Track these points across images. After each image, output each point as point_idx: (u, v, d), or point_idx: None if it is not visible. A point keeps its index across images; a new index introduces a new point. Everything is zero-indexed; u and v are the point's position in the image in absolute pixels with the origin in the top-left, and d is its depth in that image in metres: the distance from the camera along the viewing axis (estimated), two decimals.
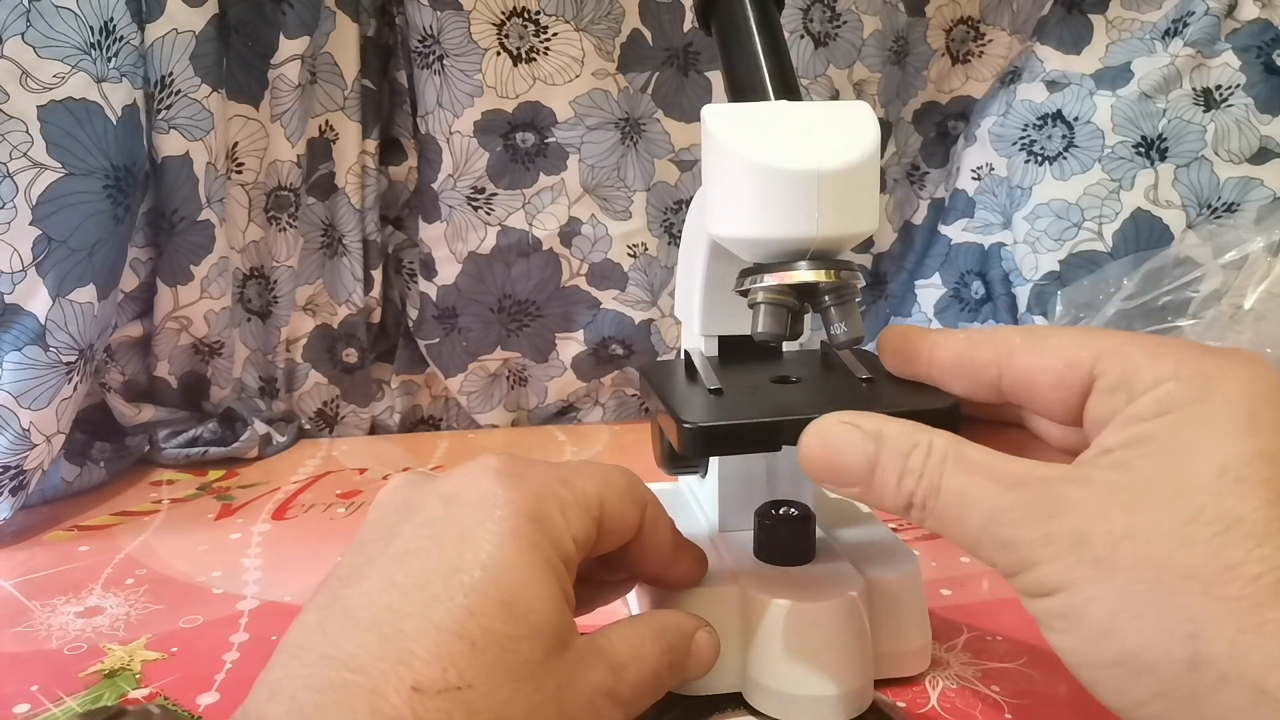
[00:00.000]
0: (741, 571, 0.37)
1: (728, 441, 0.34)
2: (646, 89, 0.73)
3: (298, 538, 0.56)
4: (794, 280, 0.33)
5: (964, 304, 0.77)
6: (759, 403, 0.36)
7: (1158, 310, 0.60)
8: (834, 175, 0.32)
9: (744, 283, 0.35)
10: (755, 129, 0.33)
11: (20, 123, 0.54)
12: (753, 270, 0.34)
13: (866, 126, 0.33)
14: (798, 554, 0.38)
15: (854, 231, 0.33)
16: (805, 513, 0.38)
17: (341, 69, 0.69)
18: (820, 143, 0.32)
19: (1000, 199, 0.75)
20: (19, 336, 0.56)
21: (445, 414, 0.81)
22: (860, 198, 0.33)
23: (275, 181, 0.70)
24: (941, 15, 0.77)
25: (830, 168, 0.32)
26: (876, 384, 0.37)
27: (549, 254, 0.75)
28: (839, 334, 0.34)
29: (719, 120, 0.34)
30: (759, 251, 0.34)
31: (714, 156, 0.34)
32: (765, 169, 0.32)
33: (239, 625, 0.45)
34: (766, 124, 0.34)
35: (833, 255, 0.34)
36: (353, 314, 0.76)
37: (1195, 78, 0.69)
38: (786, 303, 0.34)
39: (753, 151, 0.32)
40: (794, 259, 0.33)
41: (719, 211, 0.34)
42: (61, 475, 0.62)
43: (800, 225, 0.32)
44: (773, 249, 0.34)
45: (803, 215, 0.32)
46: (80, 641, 0.44)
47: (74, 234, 0.56)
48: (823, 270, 0.33)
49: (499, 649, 0.26)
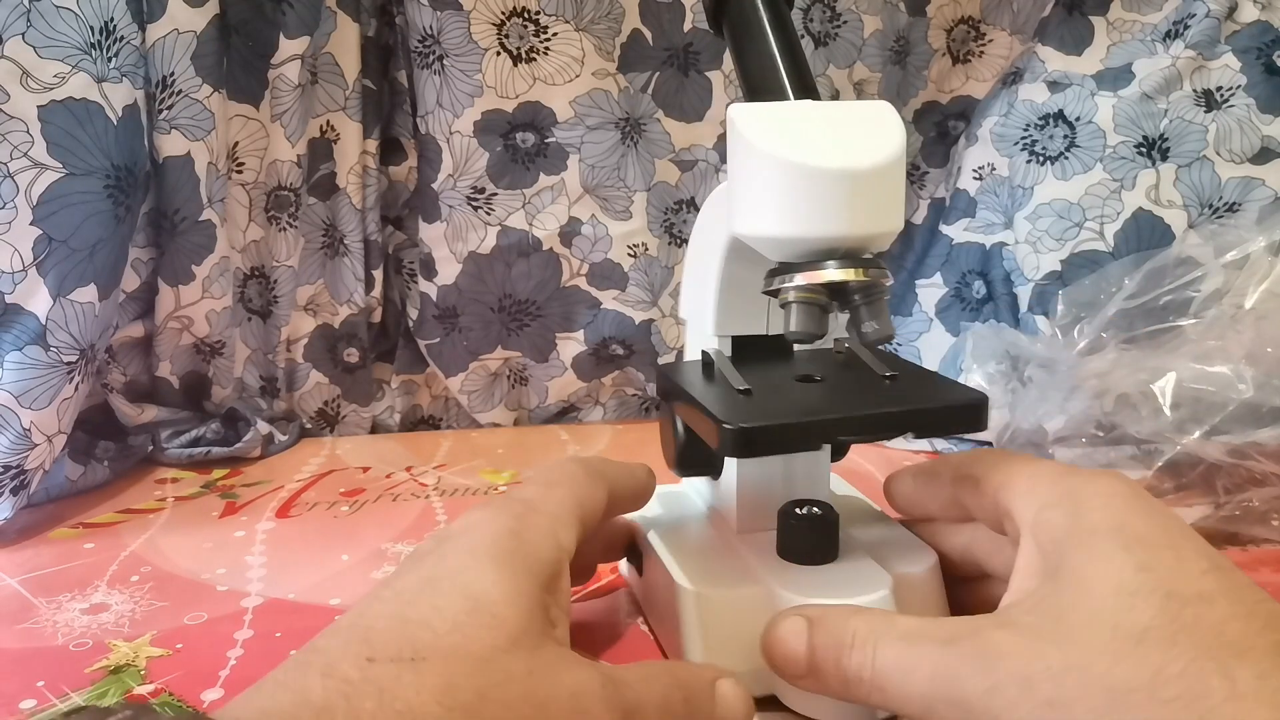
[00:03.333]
0: (769, 572, 0.37)
1: (772, 442, 0.34)
2: (647, 89, 0.73)
3: (301, 535, 0.56)
4: (827, 279, 0.33)
5: (965, 303, 0.77)
6: (791, 402, 0.36)
7: (1159, 310, 0.60)
8: (866, 174, 0.32)
9: (774, 282, 0.34)
10: (784, 128, 0.33)
11: (21, 123, 0.54)
12: (781, 270, 0.34)
13: (892, 126, 0.33)
14: (824, 553, 0.38)
15: (884, 230, 0.33)
16: (829, 512, 0.38)
17: (342, 69, 0.69)
18: (850, 142, 0.33)
19: (1002, 199, 0.75)
20: (20, 336, 0.56)
21: (445, 414, 0.81)
22: (890, 196, 0.33)
23: (275, 181, 0.70)
24: (942, 15, 0.77)
25: (863, 167, 0.32)
26: (900, 380, 0.37)
27: (549, 254, 0.75)
28: (870, 332, 0.34)
29: (748, 119, 0.34)
30: (788, 251, 0.34)
31: (742, 155, 0.34)
32: (798, 168, 0.32)
33: (243, 622, 0.45)
34: (795, 123, 0.33)
35: (861, 254, 0.34)
36: (353, 314, 0.76)
37: (1196, 79, 0.69)
38: (820, 301, 0.34)
39: (784, 150, 0.32)
40: (823, 258, 0.33)
41: (746, 210, 0.34)
42: (66, 474, 0.62)
43: (833, 224, 0.32)
44: (804, 248, 0.33)
45: (835, 214, 0.32)
46: (86, 638, 0.44)
47: (75, 234, 0.56)
48: (855, 268, 0.33)
49: (460, 636, 0.27)
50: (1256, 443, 0.51)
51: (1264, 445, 0.51)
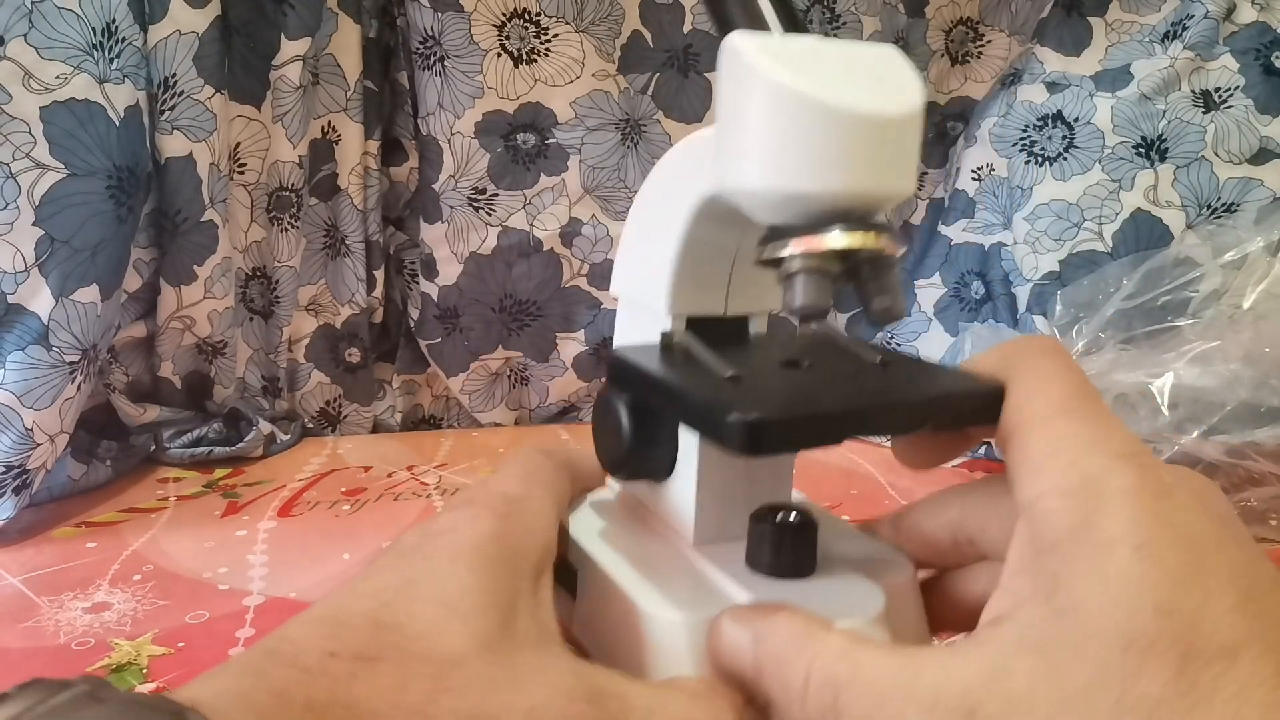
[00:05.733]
0: (745, 588, 0.32)
1: (793, 437, 0.29)
2: (647, 90, 0.73)
3: (303, 534, 0.57)
4: (839, 245, 0.28)
5: (964, 303, 0.77)
6: (795, 391, 0.31)
7: (1157, 310, 0.61)
8: (892, 122, 0.27)
9: (774, 249, 0.29)
10: (796, 60, 0.27)
11: (23, 123, 0.54)
12: (777, 235, 0.29)
13: (908, 74, 0.29)
14: (804, 564, 0.33)
15: (901, 190, 0.28)
16: (808, 518, 0.33)
17: (344, 70, 0.70)
18: (870, 85, 0.28)
19: (1000, 199, 0.75)
20: (22, 336, 0.56)
21: (446, 413, 0.82)
22: (908, 153, 0.28)
23: (277, 182, 0.70)
24: (941, 16, 0.77)
25: (890, 113, 0.27)
26: (895, 368, 0.33)
27: (550, 254, 0.75)
28: (879, 307, 0.29)
29: (752, 46, 0.28)
30: (789, 209, 0.28)
31: (742, 89, 0.28)
32: (816, 106, 0.26)
33: (245, 621, 0.46)
34: (807, 57, 0.28)
35: (870, 218, 0.28)
36: (355, 314, 0.76)
37: (1194, 80, 0.70)
38: (831, 271, 0.28)
39: (800, 84, 0.27)
40: (828, 220, 0.28)
41: (741, 159, 0.28)
42: (68, 473, 0.63)
43: (850, 178, 0.27)
44: (808, 206, 0.28)
45: (854, 166, 0.27)
46: (88, 637, 0.44)
47: (77, 234, 0.56)
48: (868, 233, 0.28)
49: (426, 642, 0.26)
50: (1254, 442, 0.52)
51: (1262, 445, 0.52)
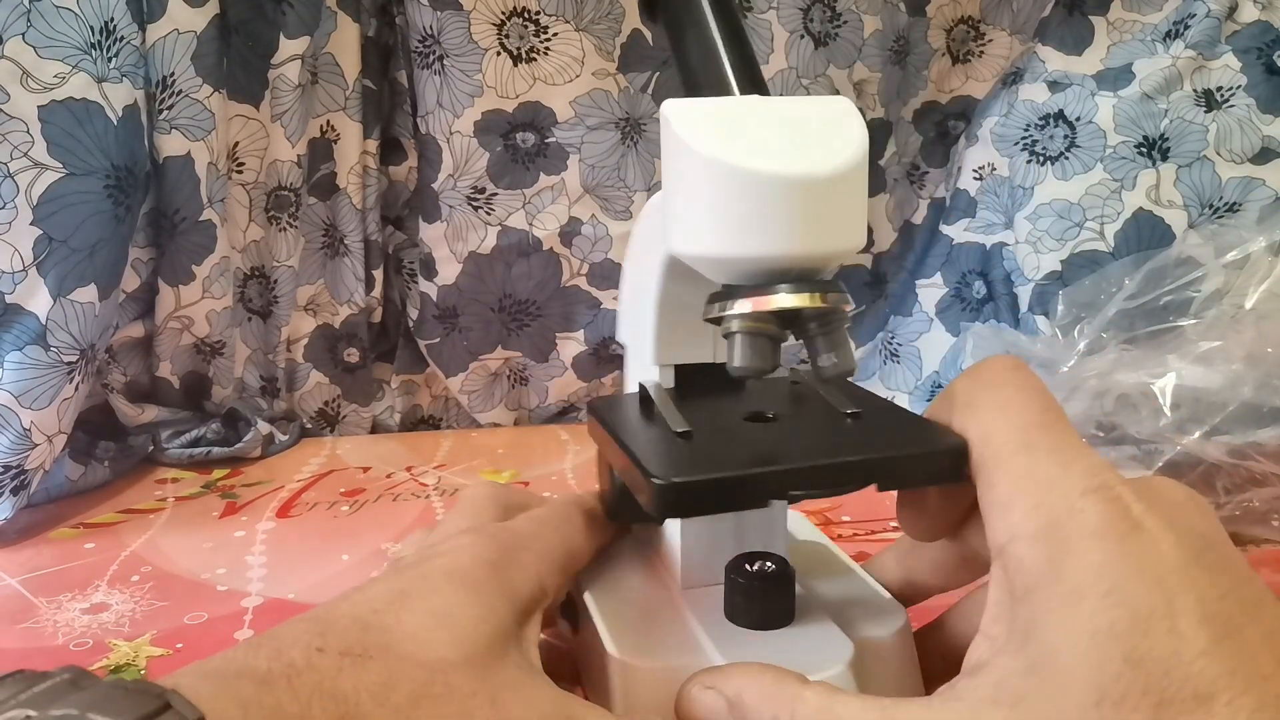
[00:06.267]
0: (713, 641, 0.32)
1: (707, 499, 0.29)
2: (647, 89, 0.73)
3: (301, 535, 0.56)
4: (778, 307, 0.28)
5: (965, 304, 0.77)
6: (736, 449, 0.31)
7: (1159, 310, 0.60)
8: (823, 182, 0.27)
9: (715, 309, 0.29)
10: (726, 127, 0.28)
11: (21, 123, 0.54)
12: (724, 295, 0.29)
13: (852, 126, 0.28)
14: (776, 616, 0.33)
15: (844, 248, 0.28)
16: (784, 569, 0.33)
17: (342, 69, 0.69)
18: (804, 144, 0.28)
19: (1002, 199, 0.75)
20: (20, 336, 0.56)
21: (445, 413, 0.81)
22: (850, 208, 0.28)
23: (275, 181, 0.70)
24: (942, 15, 0.77)
25: (819, 173, 0.27)
26: (864, 419, 0.32)
27: (549, 254, 0.75)
28: (827, 366, 0.29)
29: (682, 116, 0.28)
30: (733, 272, 0.29)
31: (677, 159, 0.29)
32: (742, 174, 0.27)
33: (243, 622, 0.45)
34: (739, 121, 0.28)
35: (816, 276, 0.29)
36: (354, 314, 0.76)
37: (1196, 79, 0.69)
38: (769, 331, 0.29)
39: (726, 153, 0.27)
40: (773, 280, 0.28)
41: (682, 225, 0.29)
42: (66, 474, 0.62)
43: (784, 241, 0.27)
44: (750, 269, 0.29)
45: (787, 230, 0.27)
46: (86, 638, 0.44)
47: (75, 234, 0.56)
48: (810, 294, 0.28)
49: (414, 644, 0.26)
50: (1257, 443, 0.51)
51: (1264, 445, 0.51)
